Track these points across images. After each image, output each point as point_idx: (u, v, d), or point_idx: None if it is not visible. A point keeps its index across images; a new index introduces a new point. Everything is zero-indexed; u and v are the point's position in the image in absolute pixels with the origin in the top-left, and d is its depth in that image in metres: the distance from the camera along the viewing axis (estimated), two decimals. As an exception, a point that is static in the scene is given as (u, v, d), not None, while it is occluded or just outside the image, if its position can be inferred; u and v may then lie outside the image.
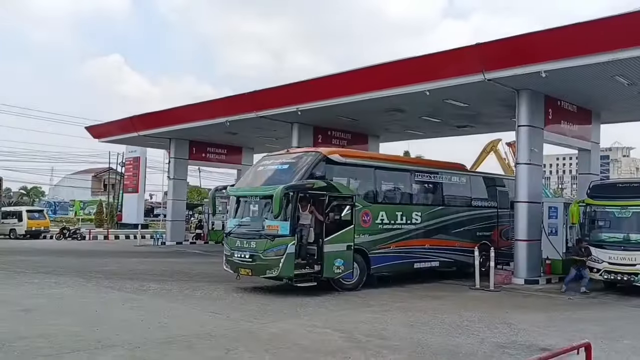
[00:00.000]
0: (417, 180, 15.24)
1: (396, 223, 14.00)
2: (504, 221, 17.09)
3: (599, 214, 13.78)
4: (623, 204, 13.18)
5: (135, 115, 25.73)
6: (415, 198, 15.12)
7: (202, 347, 7.37)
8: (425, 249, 14.77)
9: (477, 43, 13.65)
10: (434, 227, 15.03)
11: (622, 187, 14.08)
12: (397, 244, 13.95)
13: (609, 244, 13.24)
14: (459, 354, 7.27)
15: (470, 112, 18.26)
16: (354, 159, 13.87)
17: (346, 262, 12.49)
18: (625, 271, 12.69)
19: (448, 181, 15.92)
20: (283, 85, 19.03)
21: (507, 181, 18.10)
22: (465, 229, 15.87)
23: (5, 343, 7.15)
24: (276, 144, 27.45)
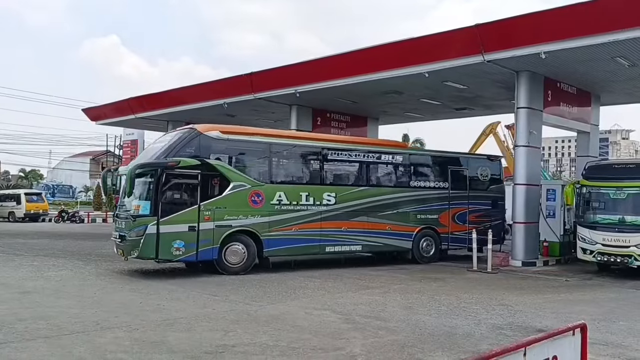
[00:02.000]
0: (331, 158, 14.27)
1: (300, 204, 13.21)
2: (459, 204, 15.82)
3: (594, 195, 13.66)
4: (618, 185, 13.07)
5: (131, 97, 25.56)
6: (327, 177, 14.31)
7: (201, 328, 7.42)
8: (342, 232, 13.79)
9: (476, 24, 13.52)
10: (354, 209, 13.98)
11: (618, 168, 13.94)
12: (301, 226, 13.19)
13: (603, 226, 13.14)
14: (456, 335, 7.33)
15: (469, 94, 18.17)
16: (241, 135, 13.22)
17: (187, 243, 11.73)
18: (619, 253, 12.66)
19: (375, 160, 14.94)
20: (281, 66, 18.89)
21: (469, 160, 17.08)
22: (399, 211, 14.73)
23: (5, 325, 7.19)
24: (275, 127, 27.35)
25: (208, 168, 12.13)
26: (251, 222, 12.53)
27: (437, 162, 16.39)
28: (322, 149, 14.05)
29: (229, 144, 12.77)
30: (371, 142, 16.19)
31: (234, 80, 20.92)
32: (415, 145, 67.19)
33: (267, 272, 12.79)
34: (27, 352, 6.10)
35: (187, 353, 6.26)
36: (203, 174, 12.02)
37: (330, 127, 22.33)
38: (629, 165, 14.01)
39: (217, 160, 12.43)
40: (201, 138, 12.33)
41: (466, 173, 16.32)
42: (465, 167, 16.47)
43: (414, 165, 15.74)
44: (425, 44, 14.89)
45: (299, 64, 18.32)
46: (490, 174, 16.75)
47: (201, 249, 11.92)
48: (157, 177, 11.59)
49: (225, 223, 12.16)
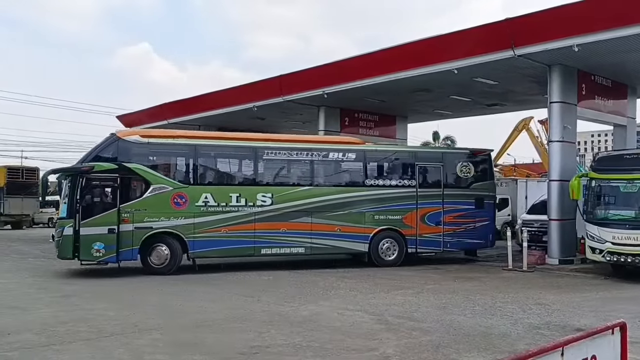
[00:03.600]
0: (267, 158, 13.86)
1: (229, 205, 13.08)
2: (430, 203, 14.53)
3: (603, 188, 12.48)
4: (629, 177, 11.81)
5: (164, 103, 26.04)
6: (262, 178, 13.97)
7: (235, 329, 7.51)
8: (281, 233, 13.38)
9: (505, 18, 13.33)
10: (296, 210, 13.51)
11: (629, 159, 12.38)
12: (232, 228, 13.05)
13: (613, 222, 12.01)
14: (492, 335, 7.22)
15: (500, 89, 17.87)
16: (163, 139, 13.43)
17: (107, 245, 12.07)
18: (630, 252, 11.39)
19: (321, 158, 14.24)
20: (309, 68, 18.98)
21: (444, 156, 15.51)
22: (352, 212, 13.88)
23: (47, 327, 7.42)
24: (303, 128, 27.45)
25: (126, 171, 12.42)
26: (174, 223, 12.62)
27: (401, 158, 15.29)
28: (255, 149, 13.78)
29: (151, 148, 13.00)
30: (318, 141, 15.28)
31: (263, 84, 21.10)
32: (446, 143, 66.54)
33: (298, 274, 12.86)
34: (69, 354, 6.28)
35: (221, 354, 6.35)
36: (122, 177, 12.39)
37: (358, 127, 22.30)
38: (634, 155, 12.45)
39: (135, 164, 12.56)
40: (119, 143, 12.75)
41: (440, 170, 14.87)
42: (438, 163, 14.95)
43: (370, 162, 14.67)
44: (454, 40, 14.73)
45: (327, 65, 18.36)
46: (474, 170, 15.05)
47: (121, 250, 12.27)
48: (74, 181, 12.21)
49: (145, 225, 12.40)
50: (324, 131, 21.44)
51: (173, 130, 14.51)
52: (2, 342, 6.66)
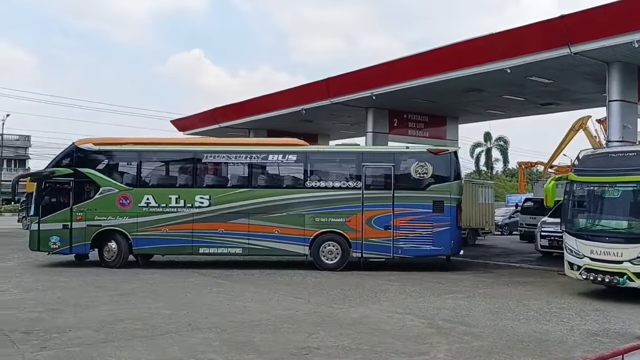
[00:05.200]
0: (206, 162, 14.53)
1: (169, 206, 13.87)
2: (377, 206, 13.71)
3: (582, 193, 10.68)
4: (611, 180, 10.08)
5: (216, 108, 26.58)
6: (201, 180, 14.42)
7: (285, 330, 7.59)
8: (218, 234, 13.78)
9: (560, 15, 12.88)
10: (233, 211, 13.79)
11: (614, 158, 10.57)
12: (172, 227, 13.81)
13: (592, 234, 10.15)
14: (547, 342, 7.01)
15: (555, 88, 17.31)
16: (112, 146, 14.57)
17: (62, 239, 13.86)
18: (608, 270, 9.63)
19: (260, 161, 14.34)
20: (356, 70, 18.93)
21: (395, 155, 14.27)
22: (291, 214, 13.75)
23: (106, 325, 7.72)
24: (351, 130, 27.44)
25: (80, 176, 13.99)
26: (120, 222, 13.90)
27: (347, 159, 14.75)
28: (194, 153, 14.47)
29: (104, 155, 14.37)
30: (260, 143, 15.19)
31: (310, 87, 21.23)
32: (498, 144, 65.03)
33: (345, 275, 12.87)
34: (126, 350, 6.51)
35: (272, 354, 6.43)
36: (76, 181, 13.98)
37: (407, 128, 22.09)
38: (629, 153, 10.53)
39: (87, 169, 14.05)
40: (75, 150, 14.34)
41: (391, 170, 13.89)
42: (388, 164, 13.97)
43: (312, 164, 14.31)
44: (506, 38, 14.37)
45: (375, 67, 18.26)
46: (432, 171, 13.76)
47: (74, 245, 13.98)
48: (38, 184, 14.36)
49: (95, 223, 13.89)
50: (372, 133, 21.37)
51: (121, 138, 15.57)
52: (65, 339, 6.99)
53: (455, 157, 14.19)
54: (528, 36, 13.89)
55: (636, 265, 9.24)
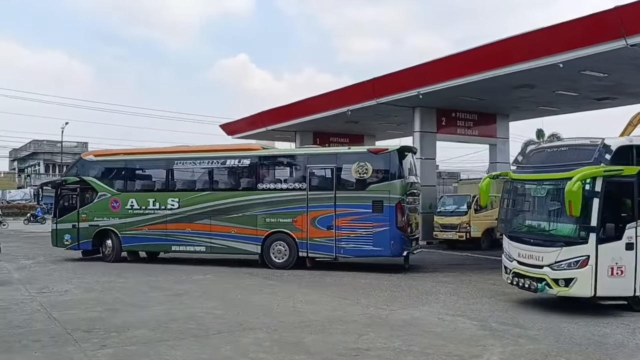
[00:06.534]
0: (177, 168, 15.78)
1: (148, 209, 15.40)
2: (321, 206, 13.76)
3: (516, 192, 10.00)
4: (536, 177, 9.49)
5: (262, 111, 26.97)
6: (172, 185, 15.75)
7: (335, 331, 7.61)
8: (186, 233, 14.96)
9: (616, 6, 12.37)
10: (197, 212, 14.86)
11: (550, 153, 9.79)
12: (151, 227, 15.34)
13: (520, 235, 9.52)
14: (607, 345, 6.76)
15: (610, 82, 16.62)
16: (107, 157, 16.99)
17: (72, 236, 16.18)
18: (530, 274, 8.99)
19: (219, 166, 15.28)
20: (402, 69, 18.78)
21: (338, 157, 14.28)
22: (246, 215, 14.38)
23: (161, 324, 7.96)
24: (398, 130, 27.23)
25: (84, 183, 16.21)
26: (112, 223, 15.77)
27: (294, 162, 15.19)
28: (168, 160, 15.83)
29: (101, 164, 16.46)
30: (218, 149, 15.75)
31: (355, 88, 21.20)
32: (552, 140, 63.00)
33: (395, 277, 12.78)
34: (181, 350, 6.69)
35: (323, 355, 6.47)
36: (81, 187, 16.24)
37: (456, 127, 21.78)
38: (562, 148, 9.72)
39: (89, 177, 16.21)
40: (80, 161, 17.06)
41: (333, 172, 13.92)
42: (331, 165, 14.03)
43: (263, 167, 14.99)
44: (558, 32, 13.91)
45: (421, 65, 18.07)
46: (372, 171, 13.54)
47: (81, 242, 16.16)
48: (55, 191, 16.97)
49: (95, 223, 15.93)
50: (420, 132, 21.16)
51: (117, 150, 17.93)
52: (123, 337, 7.25)
53: (397, 157, 13.72)
54: (581, 29, 13.42)
55: (555, 271, 8.55)
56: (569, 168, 8.53)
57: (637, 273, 8.35)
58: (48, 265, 15.18)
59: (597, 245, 8.26)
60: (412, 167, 14.78)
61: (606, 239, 8.29)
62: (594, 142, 8.80)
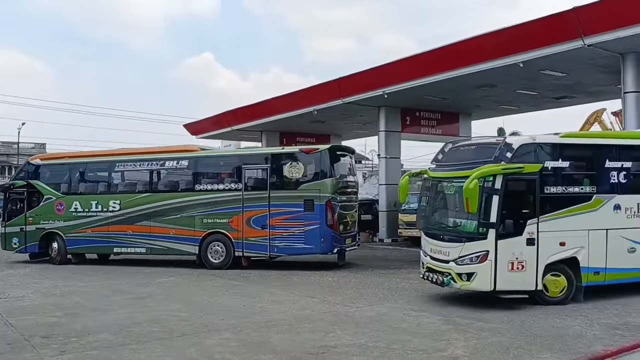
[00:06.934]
0: (117, 171, 15.96)
1: (91, 211, 15.47)
2: (255, 206, 13.94)
3: (431, 189, 10.17)
4: (446, 175, 9.73)
5: (227, 111, 26.68)
6: (114, 187, 15.97)
7: (302, 329, 7.59)
8: (127, 235, 15.06)
9: (573, 7, 12.73)
10: (138, 214, 14.95)
11: (462, 152, 10.00)
12: (94, 229, 15.40)
13: (432, 231, 9.85)
14: (566, 336, 6.94)
15: (569, 81, 17.09)
16: (51, 160, 17.23)
17: (20, 239, 16.19)
18: (439, 269, 9.29)
19: (158, 167, 15.40)
20: (368, 69, 18.88)
21: (271, 157, 14.57)
22: (184, 216, 14.52)
23: (124, 328, 7.78)
24: (364, 129, 27.39)
25: (31, 186, 16.25)
26: (57, 225, 15.79)
27: (229, 163, 15.39)
28: (109, 163, 16.03)
29: (47, 168, 16.57)
30: (157, 151, 15.96)
31: (322, 87, 21.21)
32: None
33: (361, 275, 12.84)
34: (144, 353, 6.56)
35: (290, 353, 6.44)
36: (29, 191, 16.26)
37: (420, 126, 22.03)
38: (472, 147, 10.04)
39: (36, 181, 16.27)
40: (28, 166, 17.06)
41: (267, 172, 14.16)
42: (265, 165, 14.33)
43: (200, 168, 15.09)
44: (518, 32, 14.20)
45: (386, 65, 18.21)
46: (304, 170, 13.86)
47: (28, 244, 16.14)
48: (4, 194, 17.07)
49: (41, 226, 15.93)
50: (385, 131, 21.33)
51: (62, 153, 17.99)
52: (83, 342, 7.05)
53: (327, 156, 13.83)
54: (540, 29, 13.74)
55: (459, 266, 8.85)
56: (473, 166, 8.79)
57: (538, 267, 8.67)
58: (4, 270, 14.68)
59: (496, 240, 8.55)
60: (350, 167, 14.99)
61: (506, 234, 8.60)
62: (499, 140, 9.18)
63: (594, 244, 9.06)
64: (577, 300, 9.02)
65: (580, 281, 9.02)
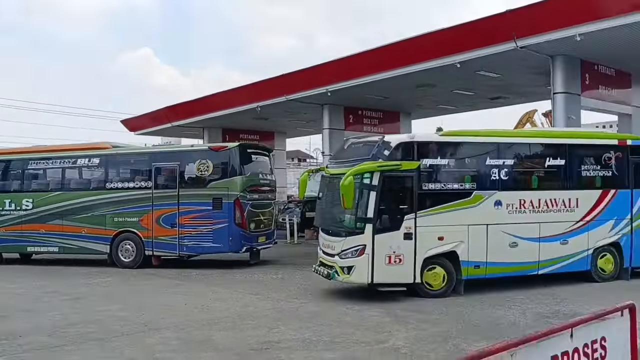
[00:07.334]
0: (29, 168, 15.58)
1: (5, 210, 15.20)
2: (165, 205, 13.79)
3: (324, 185, 10.46)
4: (333, 172, 10.02)
5: (167, 106, 26.05)
6: (27, 186, 15.58)
7: (246, 326, 7.54)
8: (41, 234, 14.84)
9: (507, 10, 13.27)
10: (50, 213, 14.78)
11: (350, 150, 10.26)
12: (8, 228, 15.09)
13: (325, 226, 10.21)
14: (501, 325, 7.24)
15: (503, 82, 17.81)
16: None
17: None
18: (327, 263, 9.61)
19: (70, 165, 15.13)
20: (311, 66, 18.95)
21: (182, 154, 14.49)
22: (95, 214, 14.37)
23: (58, 329, 7.47)
24: (308, 127, 27.48)
25: None
26: None
27: (140, 160, 15.07)
28: (22, 161, 15.57)
29: None
30: (69, 149, 15.68)
31: (265, 84, 21.10)
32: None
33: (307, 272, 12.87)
34: (80, 354, 6.33)
35: (233, 350, 6.38)
36: None
37: (362, 125, 22.29)
38: (359, 144, 10.23)
39: None
40: None
41: (176, 169, 13.99)
42: (174, 163, 14.10)
43: (110, 166, 14.89)
44: (456, 34, 14.68)
45: (329, 63, 18.34)
46: (213, 168, 13.69)
47: None
48: None
49: None
50: (328, 129, 21.47)
51: None
52: (14, 344, 6.72)
53: (237, 154, 13.80)
54: (476, 31, 14.24)
55: (342, 260, 9.16)
56: (355, 163, 9.15)
57: (416, 261, 9.06)
58: None
59: (373, 235, 8.90)
60: (266, 166, 14.91)
61: (383, 229, 8.99)
62: (380, 139, 9.45)
63: (474, 239, 9.42)
64: (458, 292, 9.40)
65: (460, 274, 9.42)
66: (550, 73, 14.61)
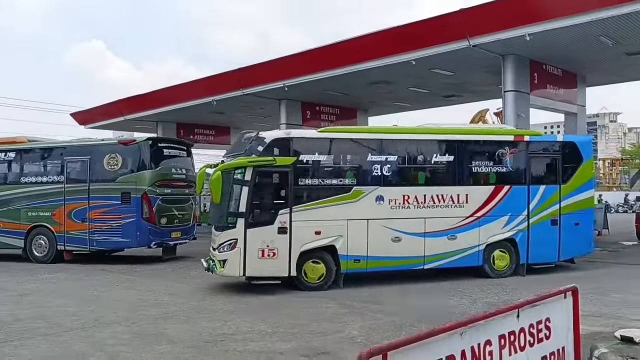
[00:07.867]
0: None
1: None
2: (76, 199, 13.75)
3: None
4: (221, 167, 9.93)
5: (120, 100, 25.39)
6: None
7: (200, 320, 7.46)
8: None
9: (460, 9, 13.56)
10: None
11: (238, 144, 10.51)
12: None
13: (214, 222, 10.40)
14: (453, 314, 7.43)
15: (456, 80, 18.19)
16: None
17: None
18: (212, 256, 9.80)
19: None
20: (268, 61, 18.84)
21: (91, 149, 14.31)
22: (10, 209, 14.34)
23: (4, 325, 7.19)
24: (264, 122, 27.29)
25: None
26: None
27: (52, 154, 14.92)
28: None
29: None
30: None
31: (221, 77, 20.83)
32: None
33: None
34: (27, 349, 6.12)
35: (187, 343, 6.30)
36: None
37: (320, 121, 22.29)
38: (242, 140, 10.29)
39: None
40: None
41: (87, 164, 13.98)
42: (85, 157, 14.07)
43: (25, 160, 14.94)
44: (411, 31, 14.89)
45: (287, 58, 18.28)
46: (122, 163, 13.69)
47: None
48: None
49: None
50: (286, 125, 21.40)
51: None
52: (-44, 341, 6.43)
53: (146, 148, 13.84)
54: (431, 29, 14.49)
55: (220, 253, 9.36)
56: (232, 159, 9.37)
57: (292, 255, 9.26)
58: None
59: (245, 229, 9.08)
60: (181, 159, 14.76)
61: (255, 223, 9.18)
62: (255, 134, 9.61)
63: (353, 234, 9.58)
64: (338, 286, 9.58)
65: (339, 268, 9.59)
66: (502, 72, 15.04)
